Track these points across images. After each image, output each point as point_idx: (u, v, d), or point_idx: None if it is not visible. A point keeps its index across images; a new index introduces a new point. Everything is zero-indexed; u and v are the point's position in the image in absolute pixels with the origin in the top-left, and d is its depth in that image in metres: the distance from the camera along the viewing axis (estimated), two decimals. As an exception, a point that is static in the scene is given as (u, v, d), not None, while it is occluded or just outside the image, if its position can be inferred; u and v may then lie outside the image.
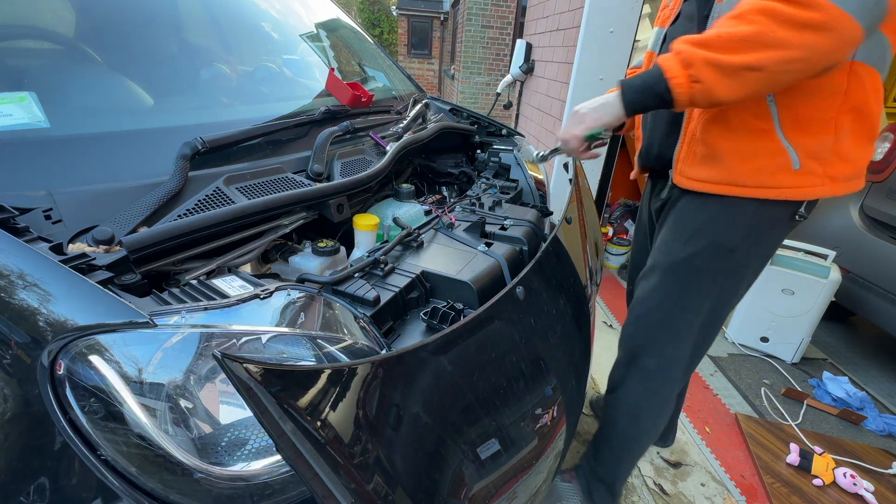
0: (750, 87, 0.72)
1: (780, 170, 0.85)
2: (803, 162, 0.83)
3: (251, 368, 0.44)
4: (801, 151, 0.82)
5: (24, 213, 0.63)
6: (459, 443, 0.66)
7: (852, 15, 0.64)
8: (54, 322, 0.50)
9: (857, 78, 0.76)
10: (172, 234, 0.68)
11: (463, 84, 8.47)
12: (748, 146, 0.87)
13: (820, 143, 0.82)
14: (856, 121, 0.80)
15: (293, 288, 0.68)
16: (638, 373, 1.12)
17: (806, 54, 0.67)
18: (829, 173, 0.83)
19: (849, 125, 0.80)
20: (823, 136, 0.81)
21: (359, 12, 15.53)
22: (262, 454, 0.53)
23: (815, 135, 0.81)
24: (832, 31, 0.65)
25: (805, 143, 0.82)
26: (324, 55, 1.53)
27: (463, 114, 1.67)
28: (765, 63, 0.68)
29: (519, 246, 0.99)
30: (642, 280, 1.09)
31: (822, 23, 0.65)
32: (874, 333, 2.66)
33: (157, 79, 0.99)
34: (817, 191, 0.85)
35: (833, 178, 0.84)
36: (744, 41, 0.69)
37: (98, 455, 0.49)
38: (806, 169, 0.83)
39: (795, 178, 0.84)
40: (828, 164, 0.83)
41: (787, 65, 0.68)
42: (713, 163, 0.92)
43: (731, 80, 0.71)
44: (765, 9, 0.68)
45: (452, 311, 0.76)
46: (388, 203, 1.17)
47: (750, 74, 0.70)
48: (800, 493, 1.52)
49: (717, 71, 0.71)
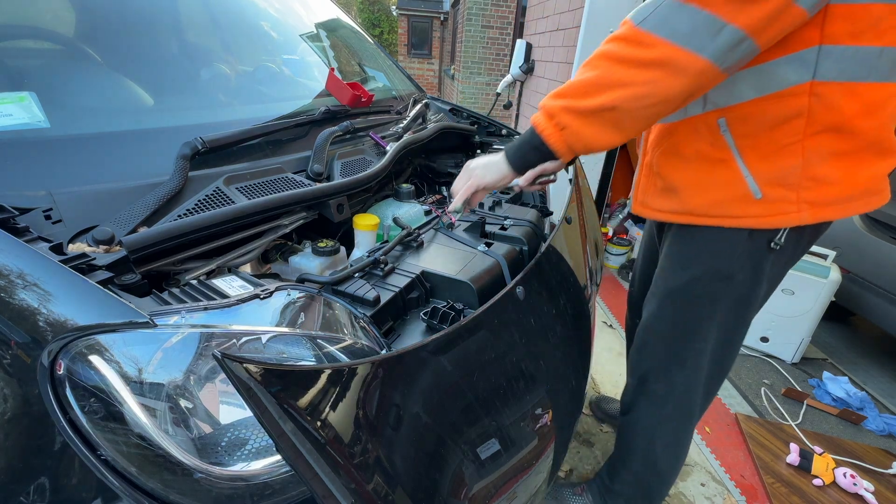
0: (616, 126, 0.73)
1: (739, 200, 0.82)
2: (765, 190, 0.80)
3: (251, 368, 0.44)
4: (761, 179, 0.79)
5: (24, 213, 0.63)
6: (459, 443, 0.66)
7: (689, 49, 0.65)
8: (54, 322, 0.50)
9: (821, 98, 0.72)
10: (172, 234, 0.68)
11: (463, 84, 8.47)
12: (703, 177, 0.85)
13: (784, 170, 0.78)
14: (838, 140, 0.75)
15: (293, 288, 0.68)
16: (648, 398, 1.10)
17: (649, 90, 0.68)
18: (807, 199, 0.78)
19: (826, 147, 0.75)
20: (787, 162, 0.77)
21: (359, 12, 15.53)
22: (262, 454, 0.53)
23: (777, 161, 0.78)
24: (668, 66, 0.66)
25: (766, 170, 0.79)
26: (324, 55, 1.53)
27: (463, 114, 1.68)
28: (615, 102, 0.70)
29: (519, 246, 0.99)
30: (647, 304, 1.07)
31: (655, 60, 0.67)
32: (874, 333, 2.66)
33: (157, 79, 0.99)
34: (791, 218, 0.80)
35: (814, 203, 0.79)
36: (591, 85, 0.72)
37: (98, 455, 0.49)
38: (771, 197, 0.80)
39: (759, 206, 0.81)
40: (802, 190, 0.78)
41: (636, 101, 0.70)
42: (671, 194, 0.92)
43: (593, 121, 0.73)
44: (605, 53, 0.72)
45: (452, 311, 0.76)
46: (388, 203, 1.17)
47: (607, 114, 0.72)
48: (800, 493, 1.52)
49: (576, 116, 0.74)
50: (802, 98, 0.73)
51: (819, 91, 0.72)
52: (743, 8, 0.61)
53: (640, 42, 0.68)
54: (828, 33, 0.68)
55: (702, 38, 0.64)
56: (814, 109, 0.73)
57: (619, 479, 1.22)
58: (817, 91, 0.72)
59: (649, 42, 0.67)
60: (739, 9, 0.62)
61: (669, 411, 1.07)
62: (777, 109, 0.75)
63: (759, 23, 0.62)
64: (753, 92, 0.76)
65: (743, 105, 0.78)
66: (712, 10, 0.62)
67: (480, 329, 0.73)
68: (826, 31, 0.68)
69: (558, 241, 1.03)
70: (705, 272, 0.92)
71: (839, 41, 0.68)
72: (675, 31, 0.65)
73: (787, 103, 0.74)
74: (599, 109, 0.71)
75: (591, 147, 0.76)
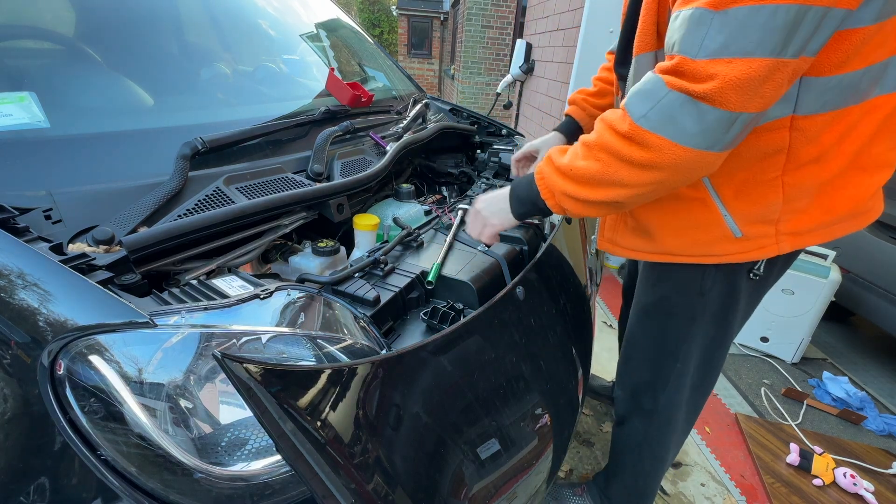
0: (615, 209, 0.71)
1: (718, 240, 0.80)
2: (745, 229, 0.77)
3: (251, 368, 0.44)
4: (740, 219, 0.77)
5: (24, 212, 0.63)
6: (459, 443, 0.66)
7: (699, 149, 0.59)
8: (54, 322, 0.50)
9: (802, 132, 0.68)
10: (172, 234, 0.68)
11: (463, 84, 8.47)
12: (680, 218, 0.82)
13: (765, 207, 0.75)
14: (819, 171, 0.72)
15: (293, 288, 0.68)
16: (638, 412, 1.11)
17: (651, 189, 0.65)
18: (786, 230, 0.76)
19: (808, 180, 0.72)
20: (768, 199, 0.74)
21: (359, 12, 15.53)
22: (262, 454, 0.53)
23: (758, 199, 0.75)
24: (671, 167, 0.61)
25: (746, 209, 0.76)
26: (324, 55, 1.53)
27: (463, 114, 1.68)
28: (618, 199, 0.67)
29: (519, 246, 0.99)
30: (630, 314, 1.07)
31: (658, 162, 0.61)
32: (874, 333, 2.66)
33: (158, 79, 0.99)
34: (771, 250, 0.78)
35: (793, 233, 0.77)
36: (593, 179, 0.67)
37: (98, 455, 0.49)
38: (751, 234, 0.77)
39: (739, 244, 0.79)
40: (783, 223, 0.76)
41: (640, 197, 0.67)
42: (644, 235, 0.89)
43: (595, 208, 0.71)
44: (607, 146, 0.65)
45: (452, 311, 0.76)
46: (388, 203, 1.17)
47: (611, 206, 0.69)
48: (800, 493, 1.52)
49: (577, 203, 0.71)
50: (783, 133, 0.69)
51: (800, 125, 0.68)
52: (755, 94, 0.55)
53: (644, 143, 0.62)
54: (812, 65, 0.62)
55: (715, 136, 0.59)
56: (794, 144, 0.70)
57: (612, 489, 1.26)
58: (798, 125, 0.68)
59: (654, 144, 0.61)
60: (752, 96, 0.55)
61: (655, 428, 1.08)
62: (756, 146, 0.71)
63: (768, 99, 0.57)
64: None
65: None
66: (726, 109, 0.56)
67: (480, 329, 0.73)
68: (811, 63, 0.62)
69: (558, 241, 1.03)
70: (677, 290, 0.91)
71: (822, 73, 0.63)
72: (684, 132, 0.59)
73: (767, 139, 0.70)
74: (603, 202, 0.69)
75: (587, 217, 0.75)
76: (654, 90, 0.60)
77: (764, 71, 0.54)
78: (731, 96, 0.55)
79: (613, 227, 0.96)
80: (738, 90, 0.55)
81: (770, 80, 0.55)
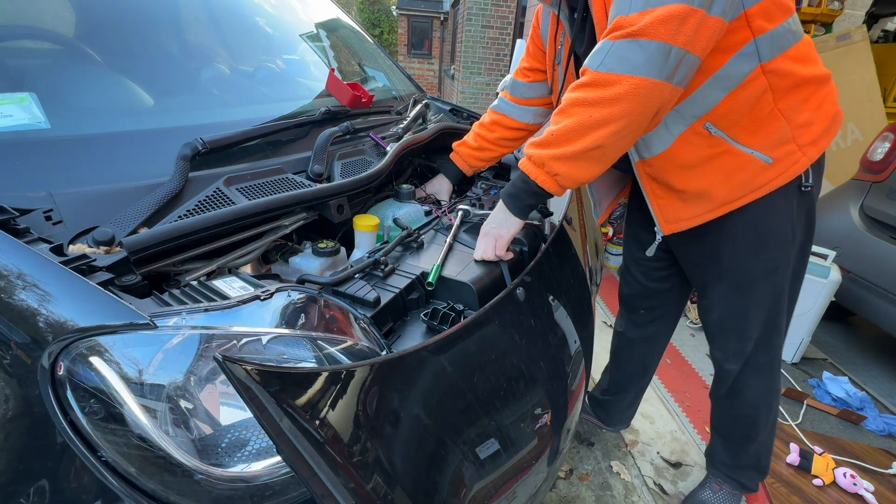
0: (601, 160, 0.81)
1: (758, 171, 0.94)
2: (773, 153, 0.92)
3: (251, 370, 0.44)
4: (765, 149, 0.92)
5: (24, 213, 0.63)
6: (459, 443, 0.67)
7: (649, 76, 0.73)
8: (55, 323, 0.50)
9: (774, 72, 0.87)
10: (173, 235, 0.68)
11: (463, 84, 8.46)
12: (720, 171, 0.95)
13: (777, 133, 0.91)
14: (799, 92, 0.90)
15: (293, 289, 0.68)
16: (758, 373, 1.19)
17: (626, 121, 0.76)
18: (805, 142, 0.92)
19: (795, 100, 0.90)
20: (776, 125, 0.91)
21: (359, 12, 15.52)
22: (262, 455, 0.53)
23: (769, 130, 0.91)
24: (636, 96, 0.74)
25: (764, 141, 0.92)
26: (324, 55, 1.53)
27: (463, 114, 1.67)
28: (599, 141, 0.77)
29: (519, 247, 0.99)
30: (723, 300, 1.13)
31: (624, 94, 0.74)
32: (874, 333, 2.66)
33: (158, 79, 0.99)
34: (804, 161, 0.93)
35: (810, 142, 0.93)
36: (572, 131, 0.78)
37: (98, 456, 0.49)
38: (779, 156, 0.92)
39: (775, 168, 0.93)
40: (798, 138, 0.92)
41: (617, 135, 0.77)
42: (698, 199, 1.00)
43: (581, 162, 0.80)
44: (576, 100, 0.79)
45: (453, 313, 0.76)
46: (389, 204, 1.17)
47: (593, 153, 0.79)
48: (800, 493, 1.52)
49: (565, 161, 0.80)
50: (760, 79, 0.87)
51: (769, 68, 0.87)
52: (678, 30, 0.71)
53: (606, 82, 0.75)
54: (755, 28, 0.83)
55: (657, 64, 0.73)
56: (772, 82, 0.88)
57: (745, 454, 1.32)
58: (767, 69, 0.87)
59: (614, 80, 0.75)
60: (676, 32, 0.71)
61: (775, 371, 1.20)
62: (746, 95, 0.88)
63: (690, 38, 0.72)
64: (722, 93, 0.88)
65: (719, 105, 0.89)
66: (659, 39, 0.72)
67: (480, 330, 0.73)
68: (753, 27, 0.83)
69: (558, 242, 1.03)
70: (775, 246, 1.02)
71: (765, 29, 0.84)
72: (633, 64, 0.74)
73: (752, 87, 0.87)
74: (586, 150, 0.78)
75: (581, 182, 0.85)
76: (603, 46, 0.77)
77: (681, 12, 0.71)
78: (660, 28, 0.71)
79: (668, 207, 1.06)
80: (663, 23, 0.71)
81: (687, 21, 0.71)
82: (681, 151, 0.96)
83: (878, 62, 3.01)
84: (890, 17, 4.60)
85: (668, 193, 1.05)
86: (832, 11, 3.29)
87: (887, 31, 4.72)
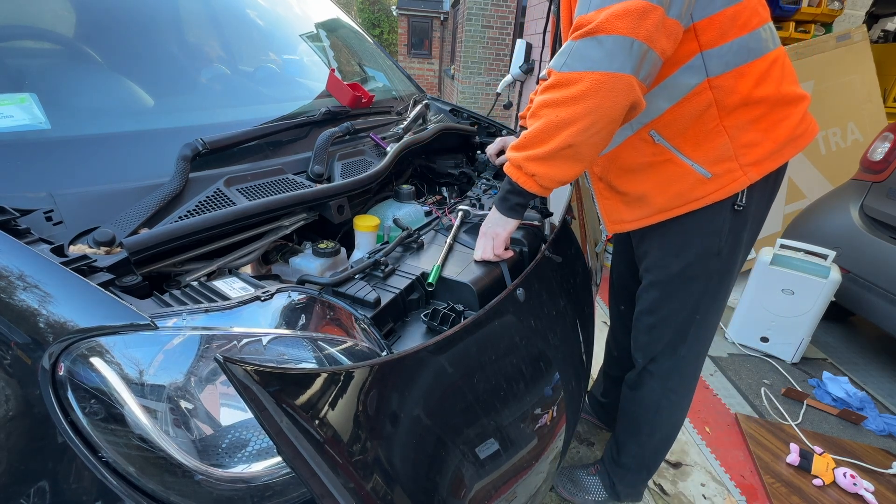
0: (576, 158, 0.82)
1: (696, 185, 0.95)
2: (712, 169, 0.93)
3: (252, 371, 0.44)
4: (705, 164, 0.93)
5: (25, 214, 0.63)
6: (459, 443, 0.67)
7: (610, 70, 0.74)
8: (55, 324, 0.51)
9: (720, 89, 0.87)
10: (173, 235, 0.68)
11: (463, 84, 8.46)
12: (660, 179, 0.97)
13: (719, 150, 0.91)
14: (749, 111, 0.89)
15: (294, 289, 0.68)
16: (656, 374, 1.21)
17: (592, 118, 0.76)
18: (747, 162, 0.92)
19: (742, 119, 0.89)
20: (719, 142, 0.91)
21: (359, 12, 15.52)
22: (262, 456, 0.53)
23: (711, 144, 0.91)
24: (600, 90, 0.75)
25: (705, 156, 0.92)
26: (324, 55, 1.53)
27: (463, 114, 1.67)
28: (569, 140, 0.78)
29: (519, 247, 1.00)
30: (644, 294, 1.16)
31: (586, 90, 0.75)
32: (874, 333, 2.66)
33: (158, 80, 0.99)
34: (742, 181, 0.93)
35: (753, 163, 0.92)
36: (542, 133, 0.80)
37: (99, 457, 0.49)
38: (719, 172, 0.93)
39: (713, 183, 0.94)
40: (740, 157, 0.92)
41: (586, 132, 0.77)
42: (638, 203, 1.03)
43: (555, 162, 0.81)
44: (543, 102, 0.80)
45: (453, 313, 0.76)
46: (389, 204, 1.17)
47: (566, 151, 0.80)
48: (800, 493, 1.52)
49: (540, 162, 0.82)
50: (706, 93, 0.88)
51: (716, 84, 0.87)
52: (638, 24, 0.72)
53: (568, 81, 0.77)
54: (703, 42, 0.84)
55: (619, 58, 0.73)
56: (718, 98, 0.88)
57: (626, 452, 1.32)
58: (714, 84, 0.87)
59: (575, 78, 0.76)
60: (636, 26, 0.72)
61: (675, 382, 1.20)
62: (691, 108, 0.89)
63: (651, 33, 0.73)
64: (667, 102, 0.90)
65: (664, 115, 0.91)
66: (616, 33, 0.72)
67: (481, 331, 0.73)
68: (701, 41, 0.84)
69: (558, 242, 1.03)
70: (697, 255, 1.03)
71: (714, 45, 0.84)
72: (592, 60, 0.75)
73: (697, 100, 0.88)
74: (558, 150, 0.79)
75: (562, 181, 0.85)
76: (566, 47, 0.79)
77: (639, 8, 0.71)
78: (617, 23, 0.72)
79: (612, 208, 1.10)
80: (620, 18, 0.71)
81: (647, 17, 0.71)
82: (624, 154, 0.99)
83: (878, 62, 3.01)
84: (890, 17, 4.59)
85: (613, 195, 1.08)
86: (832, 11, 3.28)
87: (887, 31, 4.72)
